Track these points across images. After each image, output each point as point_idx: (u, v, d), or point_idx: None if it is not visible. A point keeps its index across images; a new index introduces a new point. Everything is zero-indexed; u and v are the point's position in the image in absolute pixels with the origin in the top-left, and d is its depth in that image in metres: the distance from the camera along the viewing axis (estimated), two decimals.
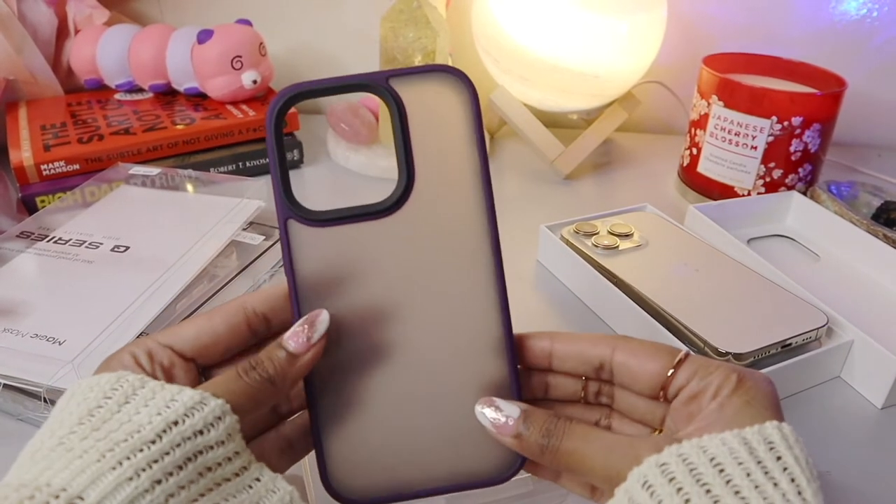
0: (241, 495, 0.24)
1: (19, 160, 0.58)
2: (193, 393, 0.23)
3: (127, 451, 0.21)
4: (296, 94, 0.26)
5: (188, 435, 0.22)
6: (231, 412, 0.24)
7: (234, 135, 0.66)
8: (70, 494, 0.20)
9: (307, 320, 0.26)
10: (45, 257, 0.47)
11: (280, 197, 0.26)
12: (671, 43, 0.72)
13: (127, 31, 0.72)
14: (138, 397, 0.23)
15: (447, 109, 0.27)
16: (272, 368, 0.25)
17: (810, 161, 0.60)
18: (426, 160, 0.27)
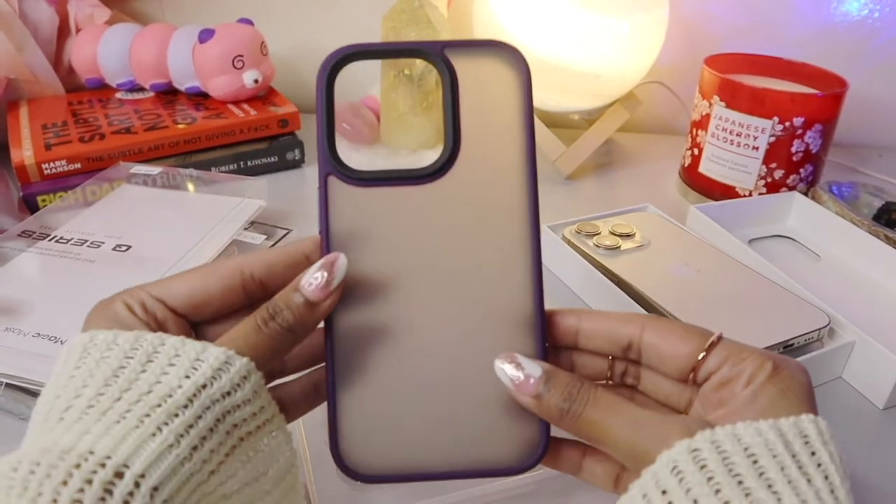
0: (259, 455, 0.24)
1: (20, 159, 0.58)
2: (218, 352, 0.23)
3: (164, 416, 0.21)
4: (350, 53, 0.27)
5: (217, 397, 0.22)
6: (255, 370, 0.24)
7: (235, 134, 0.66)
8: (115, 462, 0.20)
9: (324, 265, 0.25)
10: (47, 256, 0.47)
11: (324, 152, 0.26)
12: (673, 43, 0.72)
13: (128, 31, 0.72)
14: (161, 355, 0.23)
15: (499, 84, 0.27)
16: (291, 317, 0.25)
17: (811, 162, 0.60)
18: (473, 131, 0.26)
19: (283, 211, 0.59)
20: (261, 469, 0.24)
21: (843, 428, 0.40)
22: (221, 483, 0.22)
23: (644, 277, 0.47)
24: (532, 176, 0.26)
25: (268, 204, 0.54)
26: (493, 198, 0.26)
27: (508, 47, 0.27)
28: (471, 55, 0.26)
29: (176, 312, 0.26)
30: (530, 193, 0.26)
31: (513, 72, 0.27)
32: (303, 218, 0.59)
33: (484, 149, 0.26)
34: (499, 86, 0.27)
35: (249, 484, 0.24)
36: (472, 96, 0.26)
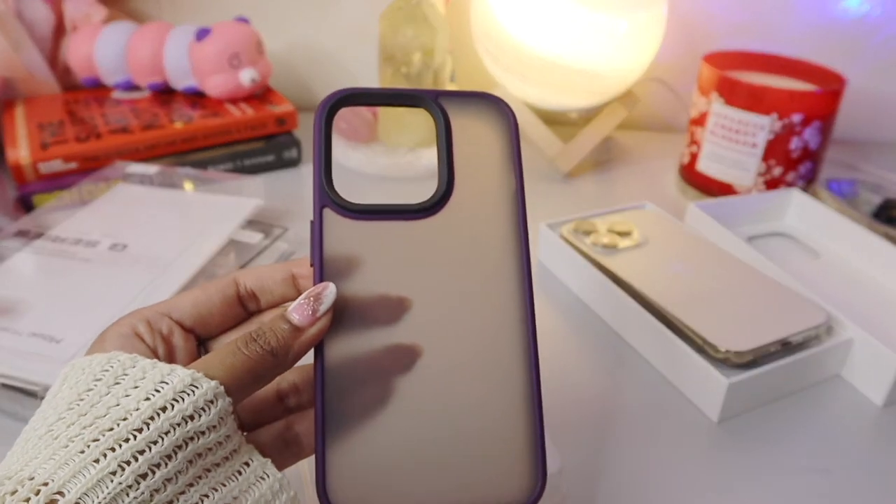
0: (230, 483, 0.23)
1: (16, 158, 0.58)
2: (184, 374, 0.22)
3: (111, 441, 0.21)
4: (347, 95, 0.28)
5: (177, 421, 0.21)
6: (224, 394, 0.23)
7: (232, 133, 0.66)
8: (50, 489, 0.19)
9: (313, 293, 0.25)
10: (43, 256, 0.46)
11: (320, 185, 0.27)
12: (671, 40, 0.72)
13: (124, 29, 0.71)
14: (128, 377, 0.22)
15: (488, 130, 0.28)
16: (274, 340, 0.24)
17: (810, 158, 0.60)
18: (465, 172, 0.28)
19: (280, 209, 0.59)
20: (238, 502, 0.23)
21: (841, 425, 0.40)
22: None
23: (642, 275, 0.47)
24: (522, 214, 0.28)
25: (265, 202, 0.54)
26: (485, 234, 0.27)
27: (496, 99, 0.29)
28: (463, 104, 0.28)
29: (183, 326, 0.26)
30: (520, 230, 0.28)
31: (500, 119, 0.28)
32: (299, 216, 0.59)
33: (475, 188, 0.28)
34: (488, 132, 0.28)
35: None
36: (463, 141, 0.28)
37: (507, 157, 0.28)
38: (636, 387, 0.42)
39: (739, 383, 0.38)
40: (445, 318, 0.26)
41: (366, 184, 0.66)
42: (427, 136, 0.67)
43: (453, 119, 0.28)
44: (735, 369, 0.40)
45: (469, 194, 0.28)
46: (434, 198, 0.27)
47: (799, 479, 0.36)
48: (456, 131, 0.28)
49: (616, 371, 0.43)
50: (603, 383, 0.42)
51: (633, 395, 0.41)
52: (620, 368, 0.44)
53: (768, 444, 0.38)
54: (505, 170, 0.28)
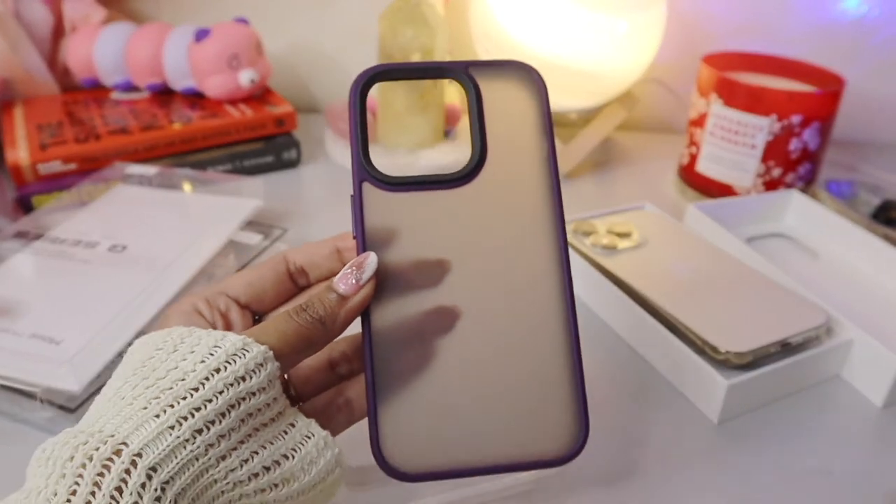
0: (277, 441, 0.25)
1: (15, 159, 0.58)
2: (236, 339, 0.24)
3: (171, 398, 0.22)
4: (380, 72, 0.29)
5: (230, 381, 0.23)
6: (272, 359, 0.24)
7: (231, 134, 0.66)
8: (116, 440, 0.21)
9: (355, 263, 0.26)
10: (42, 257, 0.46)
11: (358, 160, 0.28)
12: (670, 41, 0.72)
13: (123, 30, 0.71)
14: (185, 344, 0.24)
15: (519, 98, 0.29)
16: (322, 309, 0.26)
17: (809, 160, 0.60)
18: (498, 140, 0.28)
19: (280, 210, 0.59)
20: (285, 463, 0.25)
21: (841, 426, 0.40)
22: (232, 469, 0.23)
23: (642, 276, 0.47)
24: (555, 177, 0.29)
25: (264, 203, 0.54)
26: (520, 198, 0.28)
27: (526, 66, 0.29)
28: (493, 73, 0.29)
29: (239, 303, 0.28)
30: (554, 193, 0.28)
31: (531, 86, 0.29)
32: (299, 217, 0.59)
33: (508, 155, 0.28)
34: (518, 99, 0.29)
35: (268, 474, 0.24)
36: (495, 109, 0.29)
37: (538, 123, 0.29)
38: (636, 388, 0.42)
39: (739, 384, 0.38)
40: (484, 279, 0.27)
41: None
42: (426, 138, 0.67)
43: (484, 88, 0.29)
44: (735, 370, 0.40)
45: (502, 161, 0.28)
46: (468, 166, 0.28)
47: (799, 480, 0.36)
48: (487, 100, 0.29)
49: (615, 372, 0.43)
50: (602, 384, 0.42)
51: (632, 396, 0.41)
52: (620, 370, 0.44)
53: (768, 445, 0.38)
54: (536, 135, 0.29)
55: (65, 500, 0.20)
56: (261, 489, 0.24)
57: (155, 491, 0.21)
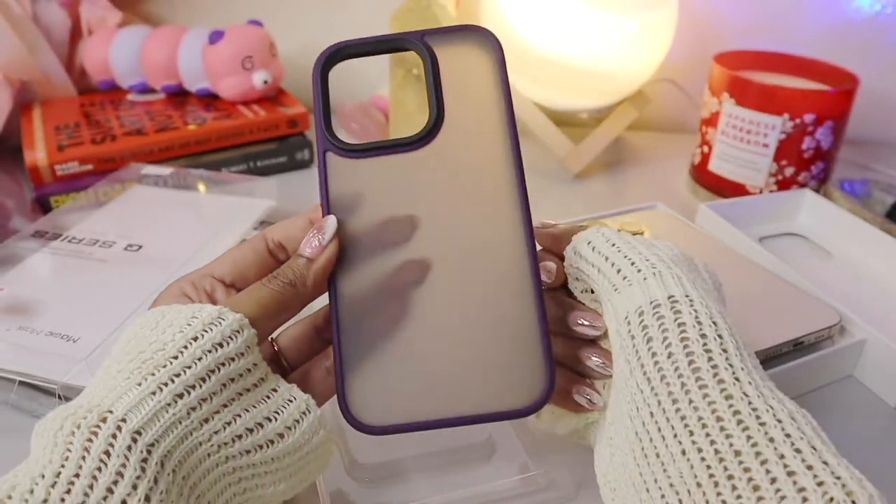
0: (260, 405, 0.26)
1: (33, 160, 0.59)
2: (212, 309, 0.25)
3: (151, 367, 0.24)
4: (341, 47, 0.30)
5: (208, 348, 0.24)
6: (248, 325, 0.26)
7: (245, 135, 0.67)
8: (102, 409, 0.23)
9: (316, 226, 0.28)
10: (60, 256, 0.47)
11: (321, 131, 0.29)
12: (682, 40, 0.72)
13: (139, 33, 0.72)
14: (165, 319, 0.26)
15: (474, 60, 0.30)
16: (291, 273, 0.28)
17: (823, 159, 0.60)
18: (454, 102, 0.29)
19: (293, 210, 0.59)
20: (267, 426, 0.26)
21: (854, 426, 0.40)
22: (215, 432, 0.24)
23: None
24: (513, 136, 0.29)
25: (277, 204, 0.54)
26: (478, 157, 0.29)
27: (481, 29, 0.30)
28: (448, 39, 0.30)
29: (224, 283, 0.29)
30: (512, 152, 0.29)
31: (486, 48, 0.30)
32: None
33: (465, 116, 0.29)
34: (474, 62, 0.30)
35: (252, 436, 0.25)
36: (450, 73, 0.30)
37: (494, 84, 0.29)
38: None
39: None
40: (447, 237, 0.28)
41: None
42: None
43: (439, 54, 0.30)
44: None
45: (460, 122, 0.29)
46: (425, 129, 0.29)
47: None
48: (443, 64, 0.30)
49: None
50: None
51: None
52: None
53: None
54: (493, 96, 0.29)
55: (59, 466, 0.21)
56: (245, 451, 0.25)
57: (141, 453, 0.22)
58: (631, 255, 0.29)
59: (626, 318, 0.27)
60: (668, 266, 0.28)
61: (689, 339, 0.25)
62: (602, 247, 0.30)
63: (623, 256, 0.29)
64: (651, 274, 0.27)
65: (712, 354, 0.25)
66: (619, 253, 0.29)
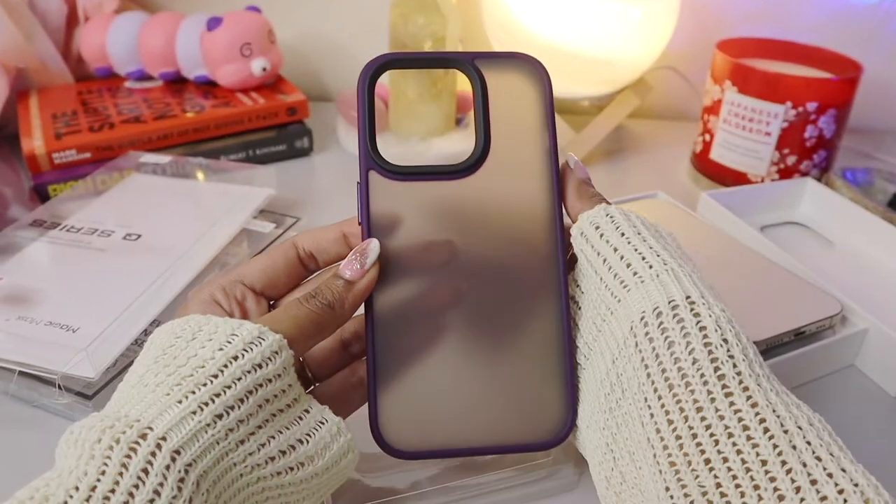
0: (293, 427, 0.26)
1: (31, 148, 0.58)
2: (252, 327, 0.25)
3: (192, 384, 0.23)
4: (387, 61, 0.29)
5: (248, 368, 0.24)
6: (287, 346, 0.25)
7: (243, 122, 0.66)
8: (142, 425, 0.22)
9: (359, 249, 0.28)
10: (58, 245, 0.47)
11: (365, 149, 0.29)
12: (684, 28, 0.71)
13: (136, 19, 0.72)
14: (203, 332, 0.25)
15: (524, 91, 0.29)
16: (330, 295, 0.27)
17: (825, 147, 0.60)
18: (501, 133, 0.29)
19: (292, 199, 0.59)
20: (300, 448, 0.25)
21: (854, 416, 0.40)
22: (250, 453, 0.24)
23: None
24: (555, 170, 0.29)
25: (276, 192, 0.54)
26: (520, 190, 0.29)
27: (531, 59, 0.30)
28: (498, 65, 0.29)
29: (254, 291, 0.29)
30: (553, 186, 0.29)
31: (535, 80, 0.30)
32: (312, 206, 0.59)
33: (512, 146, 0.29)
34: (523, 92, 0.29)
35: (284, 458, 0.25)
36: (499, 101, 0.29)
37: (541, 116, 0.29)
38: None
39: None
40: (483, 268, 0.28)
41: None
42: (439, 126, 0.67)
43: (489, 80, 0.29)
44: None
45: (505, 152, 0.29)
46: (472, 157, 0.29)
47: None
48: (492, 92, 0.29)
49: None
50: None
51: None
52: None
53: None
54: (539, 127, 0.29)
55: (95, 480, 0.21)
56: (277, 472, 0.25)
57: (179, 472, 0.22)
58: (641, 248, 0.27)
59: (643, 319, 0.25)
60: (679, 263, 0.27)
61: (711, 344, 0.24)
62: (611, 235, 0.28)
63: (633, 249, 0.27)
64: (664, 271, 0.26)
65: (735, 360, 0.24)
66: (629, 245, 0.27)
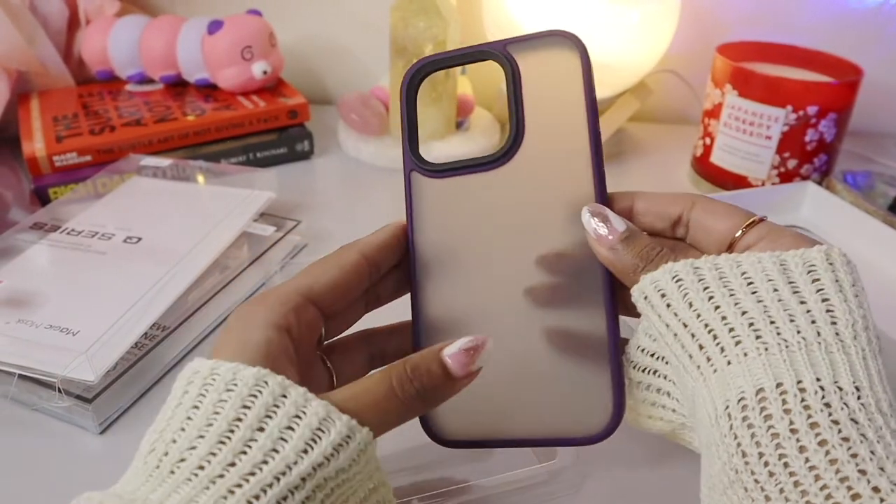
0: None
1: (32, 151, 0.58)
2: (341, 425, 0.21)
3: (273, 501, 0.20)
4: (426, 63, 0.29)
5: (331, 475, 0.21)
6: (374, 443, 0.22)
7: (244, 126, 0.66)
8: None
9: (473, 344, 0.24)
10: (59, 248, 0.47)
11: (407, 152, 0.29)
12: (684, 31, 0.71)
13: (138, 22, 0.72)
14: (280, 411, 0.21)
15: (560, 71, 0.28)
16: (429, 384, 0.24)
17: (826, 151, 0.60)
18: (536, 117, 0.28)
19: (293, 202, 0.59)
20: None
21: None
22: None
23: None
24: (596, 152, 0.28)
25: (277, 195, 0.54)
26: (560, 175, 0.28)
27: (567, 35, 0.28)
28: (532, 47, 0.28)
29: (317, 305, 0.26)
30: (595, 169, 0.28)
31: (571, 58, 0.28)
32: (312, 209, 0.59)
33: (548, 131, 0.28)
34: (559, 73, 0.28)
35: None
36: (534, 85, 0.28)
37: (579, 94, 0.28)
38: None
39: None
40: (528, 256, 0.28)
41: (378, 176, 0.66)
42: (439, 129, 0.67)
43: (522, 64, 0.28)
44: None
45: (541, 138, 0.28)
46: (504, 147, 0.28)
47: None
48: (526, 76, 0.28)
49: None
50: None
51: None
52: None
53: None
54: (578, 107, 0.28)
55: None
56: None
57: None
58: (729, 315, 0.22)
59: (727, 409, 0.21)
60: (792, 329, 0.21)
61: (828, 443, 0.19)
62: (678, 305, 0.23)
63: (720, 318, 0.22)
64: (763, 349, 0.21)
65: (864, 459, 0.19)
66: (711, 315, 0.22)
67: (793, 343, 0.21)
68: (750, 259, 0.23)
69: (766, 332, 0.22)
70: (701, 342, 0.23)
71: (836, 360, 0.21)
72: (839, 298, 0.22)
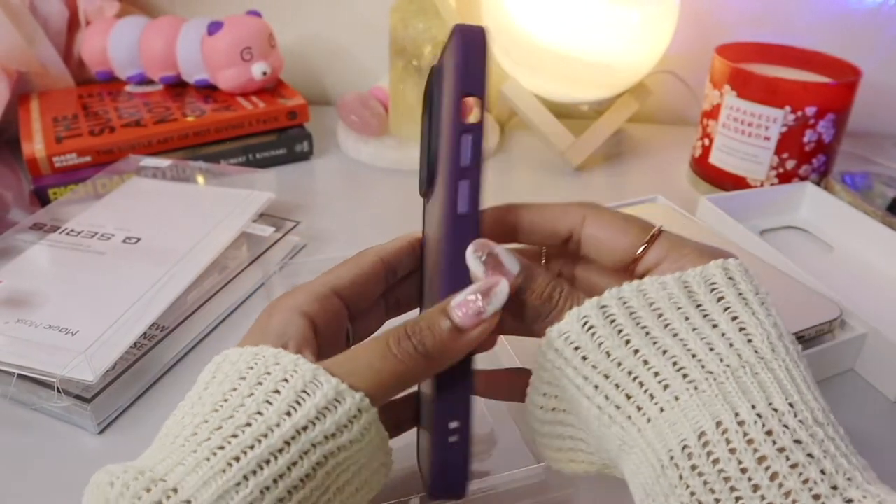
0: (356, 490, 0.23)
1: (31, 152, 0.58)
2: (328, 387, 0.21)
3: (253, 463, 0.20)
4: None
5: (319, 440, 0.20)
6: (369, 407, 0.21)
7: (244, 126, 0.66)
8: (181, 498, 0.19)
9: (483, 287, 0.22)
10: (58, 249, 0.47)
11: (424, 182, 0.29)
12: (683, 32, 0.72)
13: (137, 23, 0.72)
14: (270, 377, 0.21)
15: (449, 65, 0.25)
16: (430, 340, 0.22)
17: (824, 151, 0.60)
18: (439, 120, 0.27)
19: (292, 203, 0.59)
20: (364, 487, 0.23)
21: (853, 420, 0.40)
22: None
23: None
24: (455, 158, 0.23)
25: (276, 196, 0.54)
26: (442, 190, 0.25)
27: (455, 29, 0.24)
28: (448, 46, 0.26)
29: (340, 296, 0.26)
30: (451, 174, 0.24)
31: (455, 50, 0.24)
32: (311, 210, 0.59)
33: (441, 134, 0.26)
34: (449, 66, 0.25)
35: None
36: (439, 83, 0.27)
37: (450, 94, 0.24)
38: None
39: None
40: None
41: (377, 177, 0.66)
42: None
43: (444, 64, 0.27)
44: None
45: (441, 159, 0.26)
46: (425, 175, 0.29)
47: None
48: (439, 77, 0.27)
49: None
50: None
51: None
52: None
53: None
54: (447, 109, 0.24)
55: None
56: None
57: None
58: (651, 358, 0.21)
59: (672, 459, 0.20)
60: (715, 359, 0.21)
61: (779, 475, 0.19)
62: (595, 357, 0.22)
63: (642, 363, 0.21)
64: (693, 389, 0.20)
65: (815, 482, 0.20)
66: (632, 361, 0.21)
67: (719, 374, 0.20)
68: (654, 286, 0.22)
69: (690, 368, 0.21)
70: (627, 392, 0.21)
71: (764, 380, 0.20)
72: (748, 313, 0.22)
